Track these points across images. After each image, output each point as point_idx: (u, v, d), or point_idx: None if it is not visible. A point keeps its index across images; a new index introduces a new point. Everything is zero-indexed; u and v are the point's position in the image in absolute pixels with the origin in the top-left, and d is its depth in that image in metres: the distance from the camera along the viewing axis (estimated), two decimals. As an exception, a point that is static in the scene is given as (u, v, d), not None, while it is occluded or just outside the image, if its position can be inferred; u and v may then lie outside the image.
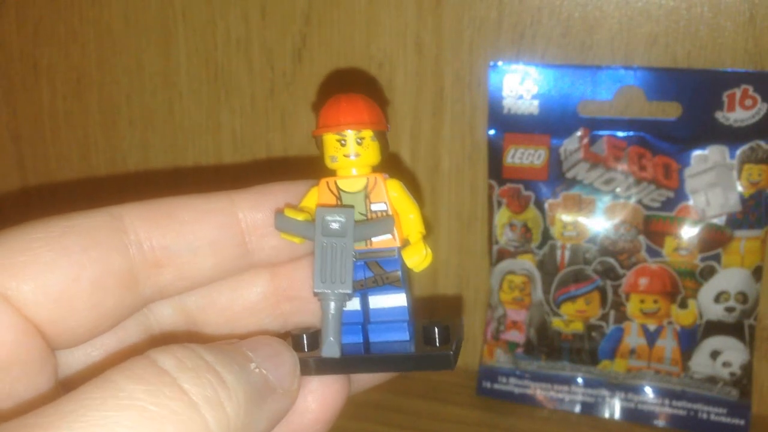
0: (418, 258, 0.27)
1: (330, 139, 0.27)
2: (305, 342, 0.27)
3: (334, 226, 0.26)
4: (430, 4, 0.51)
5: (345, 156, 0.27)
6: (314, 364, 0.26)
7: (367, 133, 0.27)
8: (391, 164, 0.29)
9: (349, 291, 0.26)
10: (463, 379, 0.54)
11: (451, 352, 0.26)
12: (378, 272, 0.28)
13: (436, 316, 0.28)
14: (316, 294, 0.27)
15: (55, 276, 0.24)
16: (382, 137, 0.28)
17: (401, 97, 0.53)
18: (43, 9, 0.60)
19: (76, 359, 0.27)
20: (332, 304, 0.26)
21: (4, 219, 0.74)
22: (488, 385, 0.52)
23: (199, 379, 0.20)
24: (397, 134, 0.54)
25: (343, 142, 0.27)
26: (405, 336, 0.28)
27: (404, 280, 0.28)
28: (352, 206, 0.27)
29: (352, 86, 0.55)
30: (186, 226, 0.27)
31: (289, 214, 0.27)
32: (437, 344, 0.27)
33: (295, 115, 0.56)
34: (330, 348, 0.26)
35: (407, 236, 0.28)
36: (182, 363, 0.20)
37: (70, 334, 0.25)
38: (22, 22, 0.61)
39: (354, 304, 0.28)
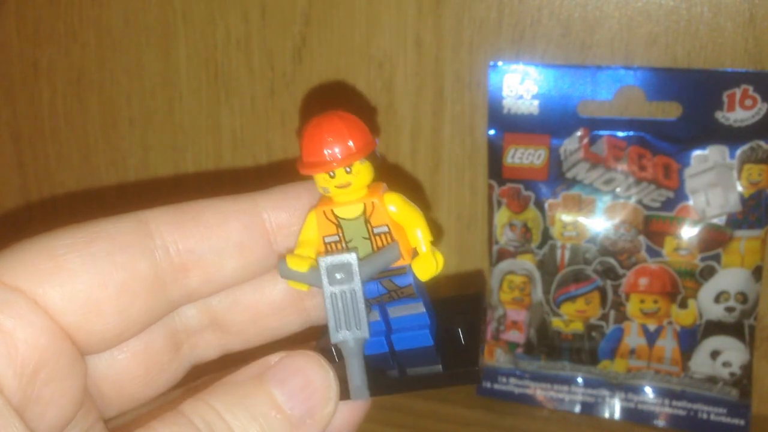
0: (429, 269, 0.26)
1: (318, 175, 0.26)
2: (334, 354, 0.27)
3: (340, 275, 0.26)
4: (430, 4, 0.51)
5: (337, 187, 0.26)
6: (345, 395, 0.26)
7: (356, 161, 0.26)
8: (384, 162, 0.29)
9: (366, 336, 0.26)
10: (463, 379, 0.54)
11: (478, 368, 0.26)
12: (392, 288, 0.27)
13: (458, 315, 0.28)
14: (334, 345, 0.27)
15: (81, 282, 0.24)
16: (372, 156, 0.27)
17: (401, 97, 0.53)
18: (43, 9, 0.60)
19: (102, 362, 0.27)
20: (352, 350, 0.26)
21: (4, 219, 0.73)
22: (488, 385, 0.52)
23: None
24: (397, 134, 0.54)
25: (332, 174, 0.26)
26: (429, 341, 0.28)
27: (419, 291, 0.27)
28: (355, 248, 0.26)
29: (354, 86, 0.55)
30: (212, 228, 0.27)
31: (292, 264, 0.26)
32: (462, 342, 0.27)
33: (295, 115, 0.56)
34: (358, 392, 0.26)
35: (415, 246, 0.27)
36: (210, 428, 0.22)
37: (98, 339, 0.25)
38: (22, 22, 0.61)
39: (374, 316, 0.28)
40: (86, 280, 0.24)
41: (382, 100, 0.54)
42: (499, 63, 0.49)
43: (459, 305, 0.30)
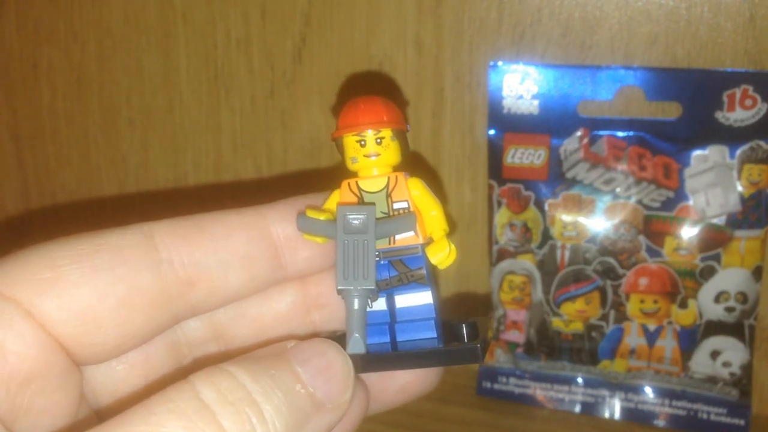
0: (442, 255, 0.27)
1: (350, 140, 0.27)
2: None
3: (356, 223, 0.26)
4: (430, 4, 0.51)
5: (365, 156, 0.27)
6: None
7: (387, 133, 0.27)
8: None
9: (372, 287, 0.26)
10: (463, 379, 0.54)
11: (479, 345, 0.26)
12: (403, 270, 0.27)
13: (463, 316, 0.28)
14: (339, 291, 0.26)
15: (80, 293, 0.24)
16: (401, 136, 0.28)
17: (401, 97, 0.53)
18: (43, 9, 0.60)
19: (100, 372, 0.26)
20: (356, 301, 0.26)
21: (4, 219, 0.73)
22: (488, 385, 0.52)
23: (239, 415, 0.20)
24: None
25: (362, 142, 0.27)
26: (432, 333, 0.28)
27: (429, 278, 0.28)
28: (373, 203, 0.27)
29: (351, 86, 0.55)
30: (217, 241, 0.27)
31: (311, 214, 0.27)
32: (465, 341, 0.27)
33: (295, 115, 0.56)
34: (355, 344, 0.26)
35: (430, 234, 0.27)
36: (223, 396, 0.20)
37: (96, 350, 0.25)
38: (22, 22, 0.61)
39: (380, 305, 0.28)
40: (85, 291, 0.24)
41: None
42: (499, 63, 0.49)
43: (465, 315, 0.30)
